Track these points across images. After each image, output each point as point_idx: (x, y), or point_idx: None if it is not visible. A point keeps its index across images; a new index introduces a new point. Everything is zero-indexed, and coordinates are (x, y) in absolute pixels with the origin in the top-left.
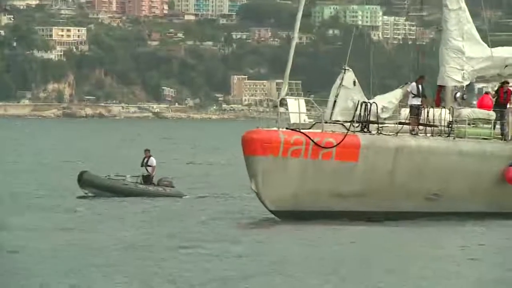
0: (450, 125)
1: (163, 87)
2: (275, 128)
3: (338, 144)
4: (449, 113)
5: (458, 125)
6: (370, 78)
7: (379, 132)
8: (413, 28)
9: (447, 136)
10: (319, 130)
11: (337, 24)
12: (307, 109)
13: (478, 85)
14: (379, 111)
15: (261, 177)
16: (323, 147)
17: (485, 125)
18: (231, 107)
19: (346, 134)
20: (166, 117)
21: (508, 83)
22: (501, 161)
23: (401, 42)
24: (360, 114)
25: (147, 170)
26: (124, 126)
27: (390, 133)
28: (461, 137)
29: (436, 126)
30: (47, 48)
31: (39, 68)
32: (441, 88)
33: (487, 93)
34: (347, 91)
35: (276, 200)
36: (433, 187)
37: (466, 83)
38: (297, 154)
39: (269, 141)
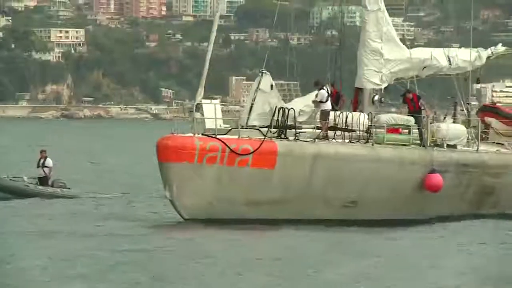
0: (369, 131)
1: (161, 89)
2: (190, 134)
3: (255, 151)
4: (368, 118)
5: (377, 131)
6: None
7: (296, 138)
8: (411, 28)
9: (366, 142)
10: (236, 136)
11: (335, 25)
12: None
13: (477, 86)
14: (296, 114)
15: (176, 185)
16: (239, 154)
17: (404, 131)
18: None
19: (263, 140)
20: (165, 118)
21: (410, 92)
22: (420, 168)
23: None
24: (277, 119)
25: (43, 171)
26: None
27: (308, 139)
28: (379, 143)
29: (353, 131)
30: (45, 50)
31: (37, 69)
32: (359, 90)
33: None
34: (264, 95)
35: (190, 208)
36: (351, 195)
37: (384, 85)
38: (213, 161)
39: (184, 147)
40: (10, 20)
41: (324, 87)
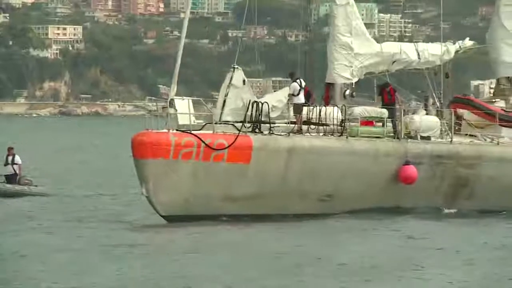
0: (343, 124)
1: (159, 85)
2: (165, 130)
3: (230, 145)
4: (341, 111)
5: (351, 124)
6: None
7: (271, 132)
8: (409, 25)
9: (340, 136)
10: (210, 131)
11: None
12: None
13: (475, 82)
14: (264, 107)
15: (152, 181)
16: (214, 149)
17: (377, 124)
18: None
19: (238, 135)
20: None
21: (389, 85)
22: (394, 160)
23: (397, 40)
24: (251, 114)
25: (13, 168)
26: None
27: (282, 133)
28: (353, 136)
29: (327, 125)
30: (43, 47)
31: (35, 66)
32: (330, 85)
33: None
34: (237, 91)
35: (167, 205)
36: (326, 188)
37: (355, 80)
38: (188, 156)
39: (159, 143)
40: (8, 17)
41: (298, 80)
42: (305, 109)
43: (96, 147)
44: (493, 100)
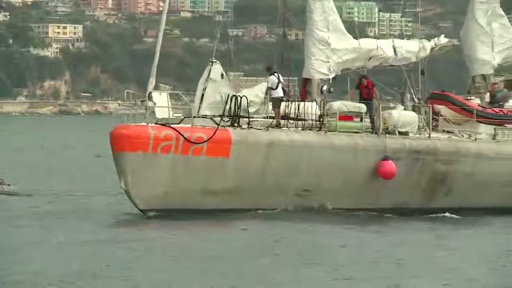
0: (321, 119)
1: (159, 84)
2: (144, 123)
3: (209, 139)
4: (319, 106)
5: (329, 119)
6: None
7: (249, 126)
8: (409, 24)
9: (319, 130)
10: (189, 125)
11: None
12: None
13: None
14: (243, 101)
15: (131, 175)
16: (193, 143)
17: (356, 118)
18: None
19: (217, 128)
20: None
21: (366, 77)
22: (373, 155)
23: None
24: (230, 108)
25: None
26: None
27: (261, 127)
28: (332, 131)
29: (305, 120)
30: (43, 45)
31: (35, 65)
32: (307, 81)
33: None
34: (215, 84)
35: (146, 199)
36: (305, 183)
37: (332, 75)
38: (168, 150)
39: (139, 136)
40: (8, 16)
41: (276, 74)
42: (283, 103)
43: (86, 145)
44: (468, 98)
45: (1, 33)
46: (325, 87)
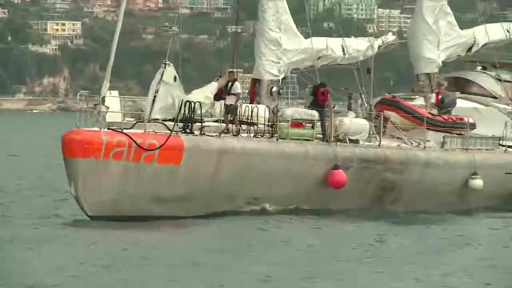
0: (273, 125)
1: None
2: (97, 128)
3: (161, 146)
4: (272, 112)
5: (281, 125)
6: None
7: (202, 133)
8: (408, 21)
9: (270, 137)
10: (142, 131)
11: (332, 17)
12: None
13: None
14: (196, 106)
15: (81, 181)
16: (146, 149)
17: (307, 125)
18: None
19: (170, 135)
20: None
21: (325, 85)
22: (324, 164)
23: (396, 35)
24: (183, 113)
25: None
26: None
27: (214, 134)
28: (283, 138)
29: (256, 124)
30: (42, 42)
31: (34, 62)
32: (256, 82)
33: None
34: (168, 87)
35: (95, 205)
36: (255, 191)
37: (281, 76)
38: (119, 156)
39: (91, 142)
40: (7, 13)
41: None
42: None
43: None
44: (413, 97)
45: (0, 30)
46: (274, 89)
